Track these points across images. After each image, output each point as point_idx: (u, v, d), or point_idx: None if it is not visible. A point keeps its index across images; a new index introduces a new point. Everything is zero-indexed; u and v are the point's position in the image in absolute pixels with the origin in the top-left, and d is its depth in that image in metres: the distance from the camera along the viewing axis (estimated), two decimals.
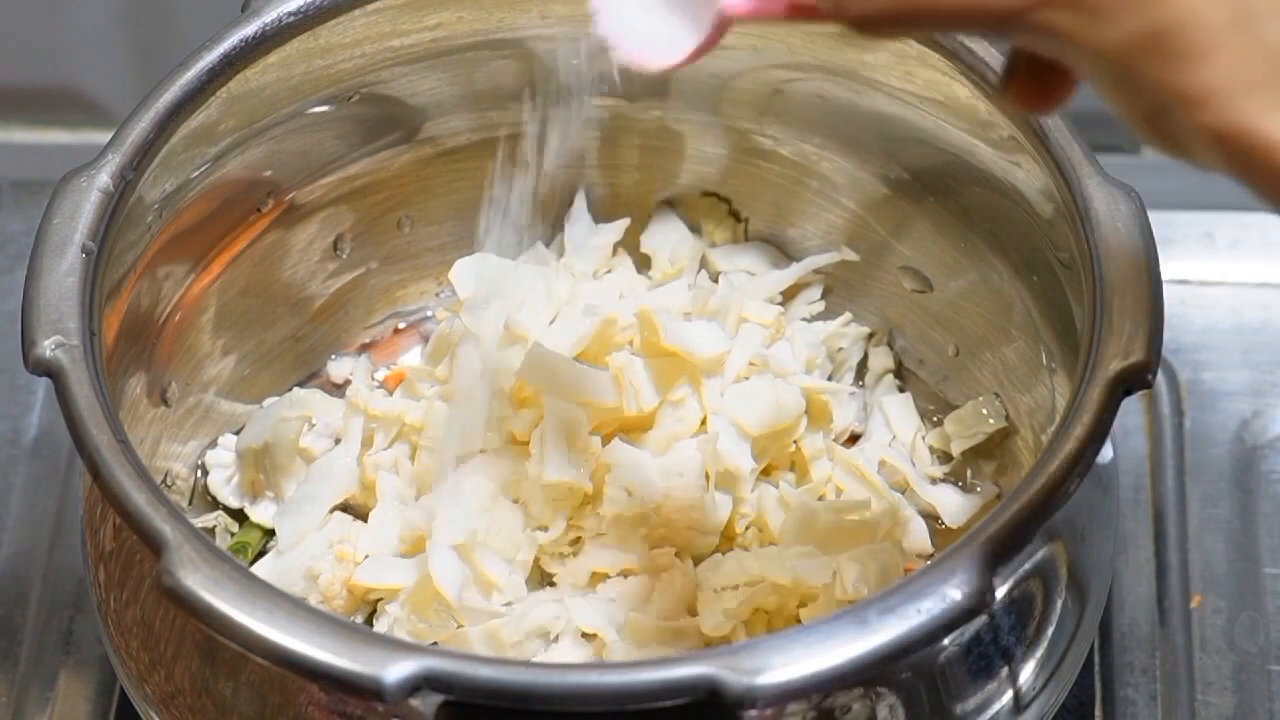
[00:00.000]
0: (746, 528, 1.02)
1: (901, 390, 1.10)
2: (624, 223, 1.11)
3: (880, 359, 1.10)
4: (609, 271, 1.11)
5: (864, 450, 1.06)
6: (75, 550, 1.04)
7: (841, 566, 0.96)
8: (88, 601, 1.00)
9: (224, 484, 1.06)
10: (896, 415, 1.07)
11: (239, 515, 1.06)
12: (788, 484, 1.03)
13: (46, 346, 0.87)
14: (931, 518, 1.05)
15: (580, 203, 1.12)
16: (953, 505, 1.05)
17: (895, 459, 1.06)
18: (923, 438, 1.07)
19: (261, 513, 1.05)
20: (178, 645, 0.89)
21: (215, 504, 1.06)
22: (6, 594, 1.08)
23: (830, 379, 1.08)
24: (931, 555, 1.03)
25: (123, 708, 1.03)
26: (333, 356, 1.12)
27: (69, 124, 1.32)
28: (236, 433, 1.07)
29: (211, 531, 1.05)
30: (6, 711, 1.04)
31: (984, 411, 1.05)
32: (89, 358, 0.87)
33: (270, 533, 1.05)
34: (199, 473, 1.07)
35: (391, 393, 1.08)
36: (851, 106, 1.04)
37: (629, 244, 1.12)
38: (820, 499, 1.02)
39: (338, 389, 1.11)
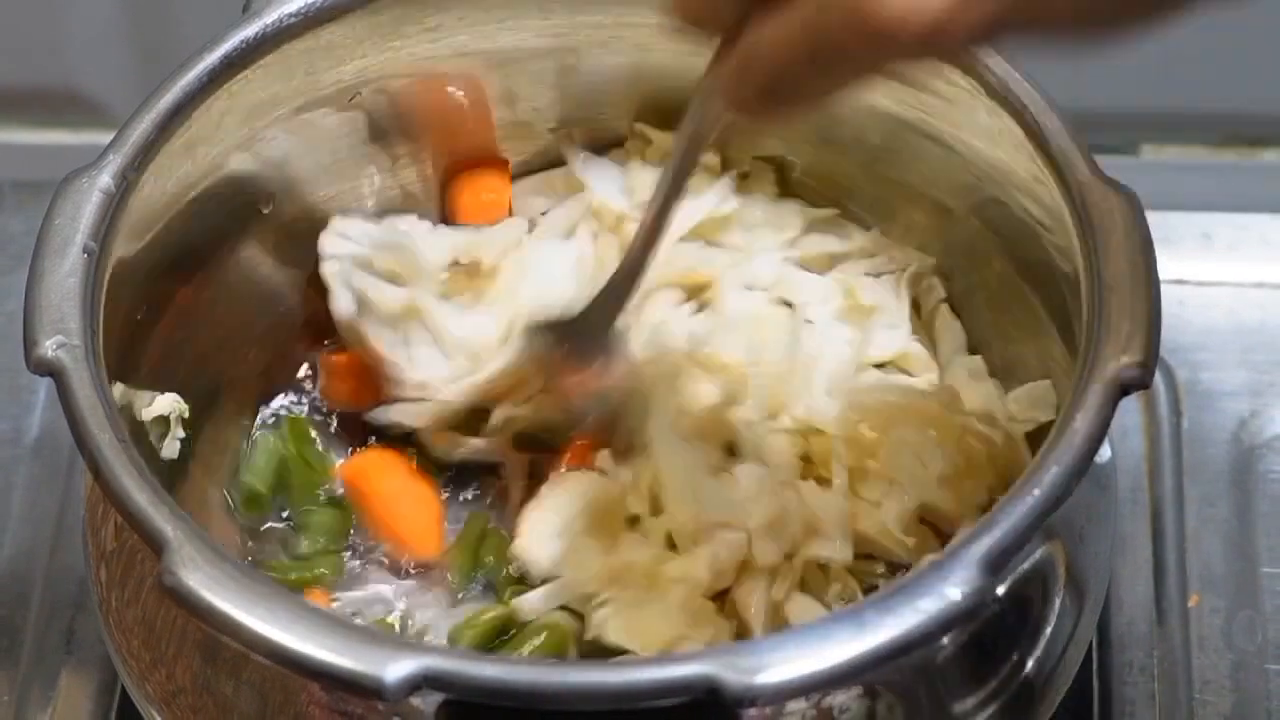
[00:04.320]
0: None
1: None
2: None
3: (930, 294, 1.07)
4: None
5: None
6: (77, 550, 1.04)
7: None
8: (89, 601, 1.00)
9: None
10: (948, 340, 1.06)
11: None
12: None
13: (48, 346, 0.87)
14: None
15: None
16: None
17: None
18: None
19: None
20: (179, 644, 0.89)
21: None
22: (8, 593, 1.08)
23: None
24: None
25: (124, 707, 1.03)
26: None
27: (70, 125, 1.32)
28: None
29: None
30: (9, 711, 1.04)
31: (1045, 398, 1.00)
32: (90, 357, 0.87)
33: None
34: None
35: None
36: (853, 108, 1.04)
37: None
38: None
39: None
